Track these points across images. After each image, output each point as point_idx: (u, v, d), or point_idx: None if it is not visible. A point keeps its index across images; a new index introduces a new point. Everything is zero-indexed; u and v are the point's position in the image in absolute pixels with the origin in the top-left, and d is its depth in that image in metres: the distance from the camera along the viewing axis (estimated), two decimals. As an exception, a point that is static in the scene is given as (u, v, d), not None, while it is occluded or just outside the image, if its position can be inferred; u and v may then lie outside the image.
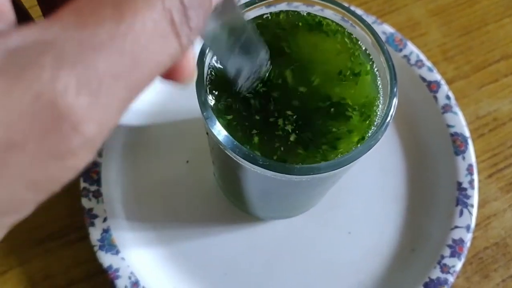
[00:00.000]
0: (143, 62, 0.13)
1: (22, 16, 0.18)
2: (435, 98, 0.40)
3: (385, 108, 0.26)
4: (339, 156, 0.25)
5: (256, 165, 0.23)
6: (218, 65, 0.26)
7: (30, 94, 0.11)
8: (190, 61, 0.19)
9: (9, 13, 0.14)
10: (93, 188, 0.37)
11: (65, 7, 0.13)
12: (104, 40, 0.12)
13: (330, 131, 0.25)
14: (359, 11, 0.42)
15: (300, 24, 0.27)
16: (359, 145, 0.25)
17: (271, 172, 0.24)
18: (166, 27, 0.13)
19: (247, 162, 0.24)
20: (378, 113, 0.26)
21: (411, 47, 0.41)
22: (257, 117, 0.25)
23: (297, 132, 0.25)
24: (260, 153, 0.24)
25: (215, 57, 0.26)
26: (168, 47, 0.14)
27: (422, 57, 0.41)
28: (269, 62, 0.25)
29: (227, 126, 0.25)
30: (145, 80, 0.14)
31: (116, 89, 0.13)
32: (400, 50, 0.41)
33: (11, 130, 0.11)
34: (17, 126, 0.11)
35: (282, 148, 0.25)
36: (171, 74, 0.19)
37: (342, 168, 0.24)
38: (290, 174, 0.23)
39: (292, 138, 0.25)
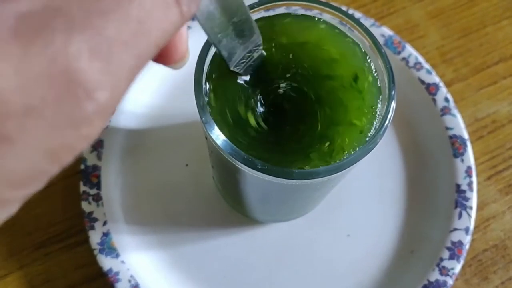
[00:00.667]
0: (148, 28, 0.13)
1: None
2: (434, 100, 0.40)
3: (384, 111, 0.26)
4: (337, 160, 0.25)
5: (255, 169, 0.23)
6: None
7: (45, 58, 0.11)
8: (182, 42, 0.19)
9: None
10: (93, 191, 0.37)
11: None
12: (111, 5, 0.12)
13: (329, 135, 0.25)
14: (357, 14, 0.42)
15: (299, 28, 0.27)
16: (357, 149, 0.25)
17: (270, 176, 0.24)
18: None
19: (246, 167, 0.24)
20: (377, 116, 0.26)
21: (409, 50, 0.41)
22: (256, 122, 0.25)
23: (295, 136, 0.25)
24: (259, 158, 0.24)
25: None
26: (170, 15, 0.14)
27: (421, 59, 0.41)
28: (261, 48, 0.25)
29: (225, 131, 0.25)
30: (151, 48, 0.14)
31: (125, 56, 0.13)
32: (399, 52, 0.41)
33: (29, 95, 0.11)
34: (35, 90, 0.11)
35: (281, 153, 0.25)
36: (163, 56, 0.19)
37: (341, 172, 0.24)
38: (289, 179, 0.24)
39: (290, 142, 0.25)
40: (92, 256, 0.36)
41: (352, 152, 0.24)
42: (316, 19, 0.28)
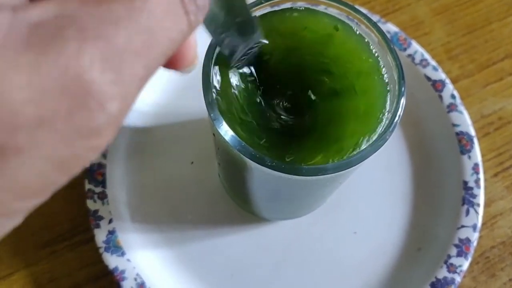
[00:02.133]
0: (158, 38, 0.13)
1: None
2: (440, 97, 0.40)
3: (393, 107, 0.25)
4: (346, 156, 0.24)
5: (263, 166, 0.23)
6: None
7: (57, 68, 0.11)
8: (191, 47, 0.19)
9: None
10: (98, 189, 0.37)
11: None
12: (122, 15, 0.12)
13: (338, 131, 0.25)
14: (362, 11, 0.41)
15: (307, 24, 0.27)
16: (367, 146, 0.25)
17: (279, 173, 0.23)
18: (176, 4, 0.14)
19: (255, 163, 0.23)
20: (386, 112, 0.26)
21: (415, 46, 0.41)
22: (265, 118, 0.25)
23: (304, 132, 0.25)
24: (267, 154, 0.24)
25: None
26: (179, 24, 0.14)
27: (427, 56, 0.41)
28: (261, 43, 0.25)
29: (234, 127, 0.25)
30: (160, 58, 0.14)
31: (136, 66, 0.13)
32: (405, 49, 0.41)
33: (41, 107, 0.11)
34: (47, 102, 0.11)
35: (289, 149, 0.24)
36: (172, 62, 0.19)
37: (350, 169, 0.24)
38: (298, 175, 0.23)
39: (299, 138, 0.25)
40: (97, 254, 0.36)
41: (361, 149, 0.24)
42: (323, 13, 0.28)
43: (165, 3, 0.13)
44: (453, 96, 0.40)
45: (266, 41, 0.25)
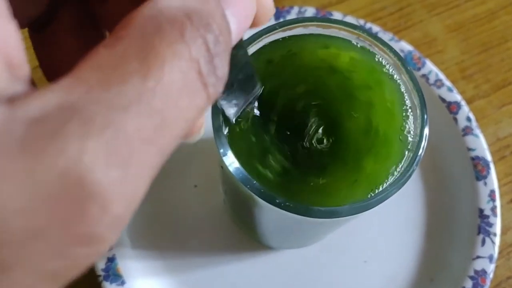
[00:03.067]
0: (172, 121, 0.12)
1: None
2: (455, 119, 0.38)
3: (416, 139, 0.24)
4: (363, 196, 0.23)
5: (274, 205, 0.22)
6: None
7: (55, 172, 0.10)
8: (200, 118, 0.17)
9: (24, 66, 0.12)
10: (98, 214, 0.35)
11: (83, 64, 0.11)
12: (132, 99, 0.11)
13: (355, 171, 0.23)
14: (375, 28, 0.40)
15: (321, 54, 0.26)
16: (387, 186, 0.23)
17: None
18: (194, 78, 0.12)
19: (264, 202, 0.22)
20: (408, 144, 0.24)
21: (430, 66, 0.39)
22: (277, 154, 0.23)
23: (318, 170, 0.23)
24: (278, 192, 0.22)
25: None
26: (197, 100, 0.12)
27: (442, 76, 0.39)
28: (259, 92, 0.24)
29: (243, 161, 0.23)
30: (174, 141, 0.12)
31: (147, 156, 0.11)
32: (419, 69, 0.39)
33: (33, 217, 0.10)
34: (40, 211, 0.10)
35: (302, 189, 0.23)
36: None
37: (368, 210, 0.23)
38: (310, 217, 0.22)
39: (313, 177, 0.23)
40: (97, 283, 0.34)
41: (381, 189, 0.23)
42: (337, 39, 0.26)
43: (180, 80, 0.11)
44: (468, 119, 0.38)
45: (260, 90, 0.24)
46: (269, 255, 0.36)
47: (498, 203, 0.37)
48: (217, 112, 0.23)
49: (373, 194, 0.22)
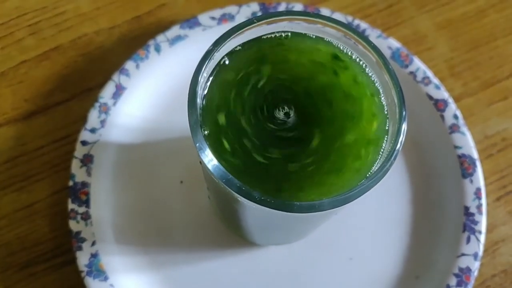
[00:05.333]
0: None
1: None
2: (442, 117, 0.38)
3: (394, 134, 0.24)
4: (341, 191, 0.23)
5: (253, 201, 0.22)
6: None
7: None
8: None
9: None
10: (82, 209, 0.35)
11: None
12: None
13: (335, 163, 0.23)
14: (363, 25, 0.40)
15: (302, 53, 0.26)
16: (365, 179, 0.23)
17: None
18: None
19: (243, 198, 0.22)
20: (385, 140, 0.25)
21: (417, 63, 0.39)
22: (255, 147, 0.23)
23: (297, 163, 0.23)
24: (256, 187, 0.22)
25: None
26: None
27: (429, 73, 0.39)
28: None
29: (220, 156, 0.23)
30: None
31: None
32: (406, 66, 0.39)
33: None
34: None
35: (281, 183, 0.23)
36: None
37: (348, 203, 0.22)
38: (290, 212, 0.22)
39: (292, 169, 0.23)
40: (80, 277, 0.34)
41: (361, 183, 0.22)
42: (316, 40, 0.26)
43: None
44: (455, 117, 0.38)
45: None
46: (254, 251, 0.36)
47: (484, 201, 0.37)
48: (194, 106, 0.23)
49: (352, 188, 0.22)
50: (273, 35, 0.26)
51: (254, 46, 0.26)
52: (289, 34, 0.26)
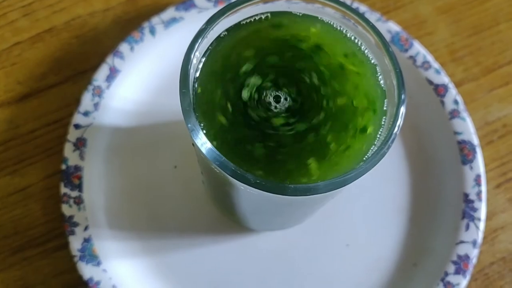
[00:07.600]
0: None
1: None
2: (442, 102, 0.38)
3: (392, 117, 0.23)
4: (337, 174, 0.22)
5: (247, 184, 0.21)
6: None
7: None
8: None
9: None
10: (75, 194, 0.35)
11: None
12: None
13: (330, 145, 0.23)
14: (363, 8, 0.39)
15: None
16: (362, 162, 0.22)
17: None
18: None
19: (236, 181, 0.21)
20: (383, 123, 0.24)
21: (417, 47, 0.39)
22: (249, 131, 0.23)
23: (293, 144, 0.23)
24: (250, 170, 0.22)
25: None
26: None
27: (429, 58, 0.38)
28: None
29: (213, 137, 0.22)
30: None
31: None
32: (406, 50, 0.38)
33: None
34: None
35: (276, 165, 0.22)
36: None
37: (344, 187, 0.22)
38: (285, 195, 0.21)
39: (287, 151, 0.23)
40: (72, 262, 0.34)
41: (358, 166, 0.22)
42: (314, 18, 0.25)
43: None
44: (456, 102, 0.38)
45: None
46: (249, 237, 0.36)
47: (483, 188, 0.36)
48: (186, 87, 0.22)
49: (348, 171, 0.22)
50: (269, 15, 0.25)
51: (251, 25, 0.25)
52: (285, 14, 0.25)
